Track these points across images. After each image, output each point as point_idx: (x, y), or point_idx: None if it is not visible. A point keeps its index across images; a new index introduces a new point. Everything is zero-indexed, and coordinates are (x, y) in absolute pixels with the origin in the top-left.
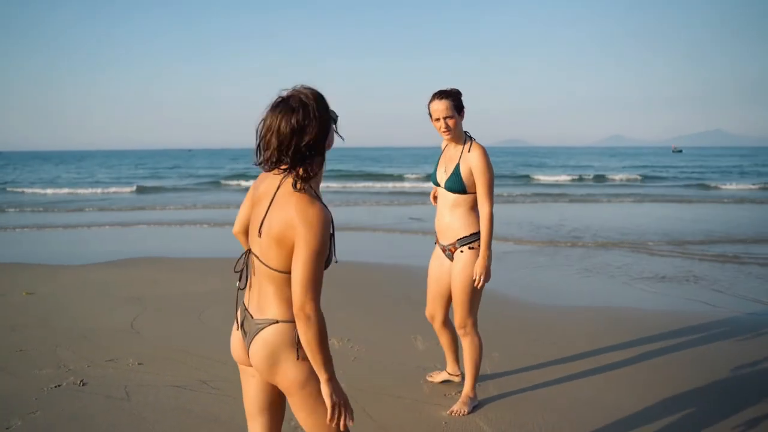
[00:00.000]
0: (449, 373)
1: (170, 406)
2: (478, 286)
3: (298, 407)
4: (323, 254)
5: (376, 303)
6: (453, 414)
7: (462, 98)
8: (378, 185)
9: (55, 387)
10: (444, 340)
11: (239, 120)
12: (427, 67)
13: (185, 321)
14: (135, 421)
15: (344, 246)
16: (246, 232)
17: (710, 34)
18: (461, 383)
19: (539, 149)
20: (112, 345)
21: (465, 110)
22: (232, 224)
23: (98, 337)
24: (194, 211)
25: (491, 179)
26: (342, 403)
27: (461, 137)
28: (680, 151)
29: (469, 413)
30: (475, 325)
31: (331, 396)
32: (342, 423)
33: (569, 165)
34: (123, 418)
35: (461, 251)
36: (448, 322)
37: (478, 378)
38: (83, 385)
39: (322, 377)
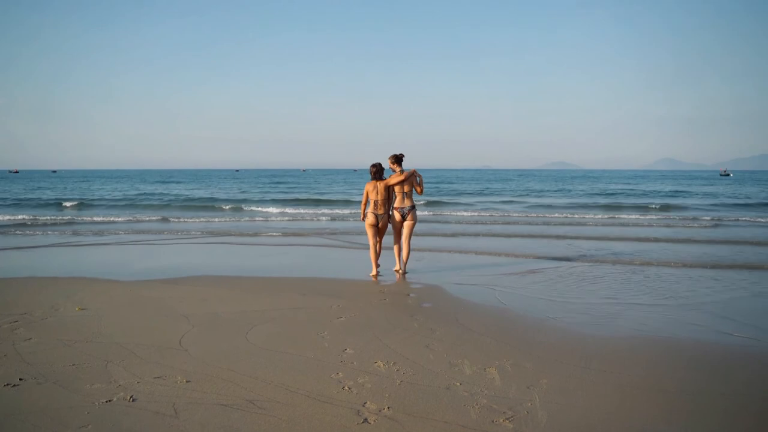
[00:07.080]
0: (395, 270)
1: (218, 425)
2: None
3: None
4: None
5: (423, 326)
6: (399, 274)
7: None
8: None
9: (106, 402)
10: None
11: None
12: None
13: (232, 339)
14: None
15: (392, 263)
16: (366, 202)
17: (765, 53)
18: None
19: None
20: (161, 362)
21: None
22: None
23: (147, 353)
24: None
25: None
26: None
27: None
28: (728, 175)
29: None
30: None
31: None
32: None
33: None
34: None
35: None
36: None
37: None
38: (133, 400)
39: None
